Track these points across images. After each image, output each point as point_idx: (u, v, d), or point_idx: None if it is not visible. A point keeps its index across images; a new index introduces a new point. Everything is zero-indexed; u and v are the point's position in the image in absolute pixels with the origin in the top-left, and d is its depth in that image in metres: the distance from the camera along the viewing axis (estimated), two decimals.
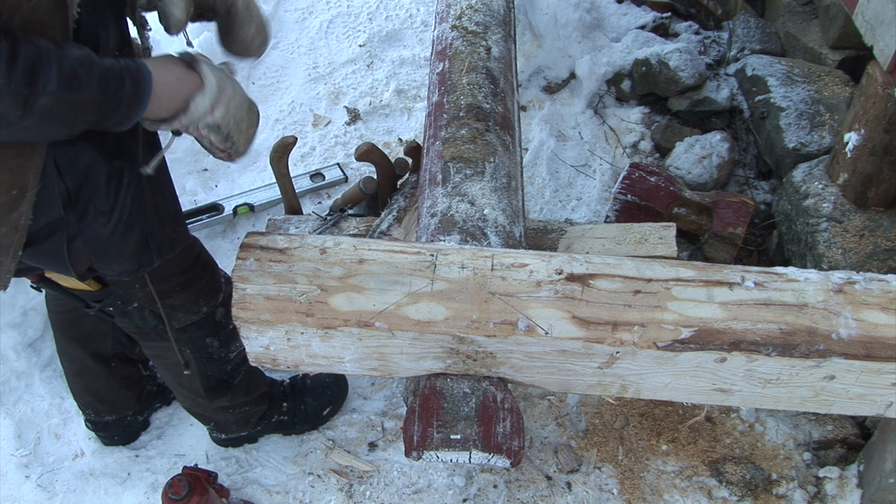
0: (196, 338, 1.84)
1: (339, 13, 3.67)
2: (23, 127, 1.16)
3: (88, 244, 1.44)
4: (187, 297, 1.75)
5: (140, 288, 1.65)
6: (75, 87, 1.17)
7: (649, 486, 2.19)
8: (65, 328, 2.05)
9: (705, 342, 1.29)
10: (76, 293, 1.67)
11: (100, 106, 1.22)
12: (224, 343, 1.90)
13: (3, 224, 1.31)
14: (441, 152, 1.83)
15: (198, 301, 1.78)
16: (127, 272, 1.58)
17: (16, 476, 2.22)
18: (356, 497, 2.17)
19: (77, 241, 1.42)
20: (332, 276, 1.32)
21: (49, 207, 1.35)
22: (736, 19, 3.41)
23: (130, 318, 1.75)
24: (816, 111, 2.76)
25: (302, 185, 2.93)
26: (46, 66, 1.12)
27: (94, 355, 2.08)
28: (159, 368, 2.07)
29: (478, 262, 1.35)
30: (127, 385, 2.21)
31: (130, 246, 1.51)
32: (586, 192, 2.99)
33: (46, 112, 1.15)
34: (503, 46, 2.22)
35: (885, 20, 2.06)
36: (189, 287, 1.74)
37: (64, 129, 1.23)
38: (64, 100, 1.16)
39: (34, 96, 1.12)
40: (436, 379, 1.37)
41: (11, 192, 1.27)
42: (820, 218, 2.39)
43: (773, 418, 2.30)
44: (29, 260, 1.43)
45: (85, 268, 1.50)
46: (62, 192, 1.35)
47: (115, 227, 1.45)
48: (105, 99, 1.22)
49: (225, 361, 1.94)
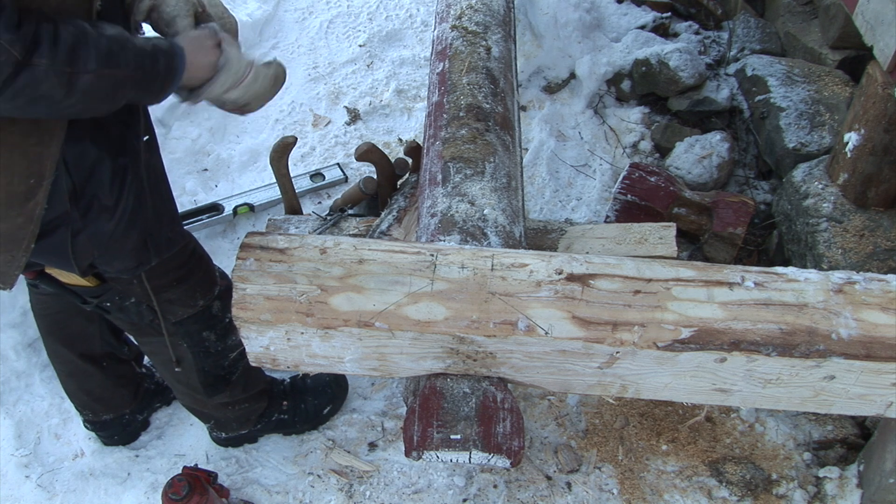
0: (193, 332, 1.84)
1: (339, 13, 3.67)
2: (67, 105, 1.21)
3: (92, 240, 1.47)
4: (183, 291, 1.77)
5: (138, 283, 1.67)
6: (113, 64, 1.22)
7: (649, 486, 2.19)
8: (52, 331, 2.05)
9: (705, 342, 1.28)
10: (74, 289, 1.68)
11: (137, 82, 1.29)
12: (221, 337, 1.91)
13: (19, 214, 1.33)
14: (441, 152, 1.83)
15: (194, 295, 1.80)
16: (126, 269, 1.60)
17: (16, 476, 2.23)
18: (356, 497, 2.17)
19: (81, 236, 1.45)
20: (332, 276, 1.32)
21: (57, 201, 1.38)
22: (736, 19, 3.41)
23: (127, 313, 1.76)
24: (816, 111, 2.76)
25: (302, 185, 2.93)
26: (85, 45, 1.18)
27: (83, 356, 2.08)
28: (156, 365, 2.08)
29: (478, 262, 1.35)
30: (121, 383, 2.21)
31: (131, 243, 1.55)
32: (586, 192, 2.99)
33: (89, 89, 1.20)
34: (503, 46, 2.22)
35: (885, 20, 2.06)
36: (185, 281, 1.76)
37: (105, 105, 1.29)
38: (104, 76, 1.22)
39: (77, 74, 1.17)
40: (436, 379, 1.37)
41: (29, 181, 1.31)
42: (820, 218, 2.39)
43: (773, 418, 2.30)
44: (34, 255, 1.44)
45: (87, 264, 1.53)
46: (69, 187, 1.38)
47: (118, 223, 1.49)
48: (142, 75, 1.29)
49: (222, 356, 1.94)
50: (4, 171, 1.28)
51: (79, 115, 1.30)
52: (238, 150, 3.10)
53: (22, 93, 1.14)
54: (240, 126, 3.19)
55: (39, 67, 1.13)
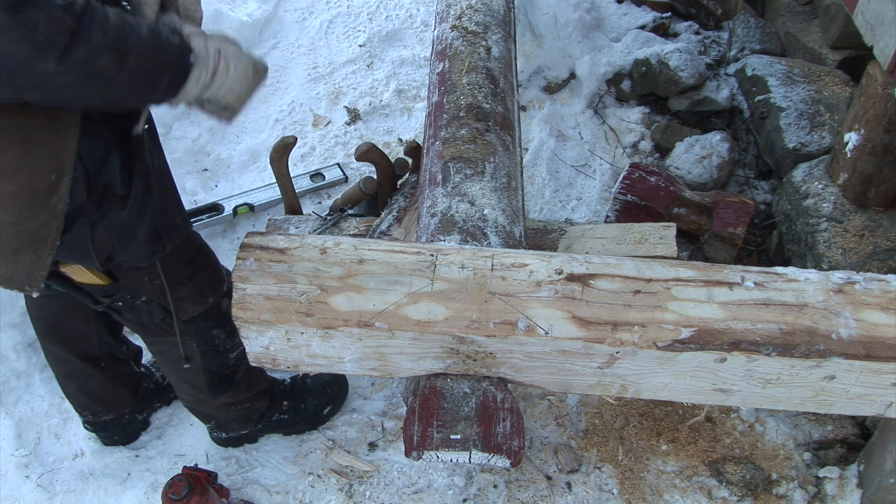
0: (203, 329, 1.85)
1: (339, 13, 3.67)
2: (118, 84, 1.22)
3: (109, 230, 1.49)
4: (194, 287, 1.78)
5: (149, 280, 1.68)
6: (154, 46, 1.25)
7: (649, 486, 2.19)
8: (48, 333, 2.05)
9: (705, 342, 1.28)
10: (86, 289, 1.68)
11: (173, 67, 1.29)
12: (230, 334, 1.91)
13: (43, 211, 1.34)
14: (441, 152, 1.83)
15: (204, 291, 1.81)
16: (143, 257, 1.61)
17: (16, 476, 2.22)
18: (356, 497, 2.17)
19: (99, 227, 1.46)
20: (332, 276, 1.32)
21: (75, 194, 1.39)
22: (736, 19, 3.41)
23: (138, 313, 1.76)
24: (816, 111, 2.76)
25: (302, 185, 2.93)
26: (128, 25, 1.21)
27: (82, 357, 2.07)
28: (163, 365, 2.08)
29: (478, 262, 1.35)
30: (120, 383, 2.21)
31: (144, 231, 1.56)
32: (586, 192, 2.99)
33: (136, 69, 1.22)
34: (503, 46, 2.22)
35: (885, 20, 2.06)
36: (195, 278, 1.77)
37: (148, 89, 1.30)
38: (149, 57, 1.24)
39: (127, 53, 1.20)
40: (436, 379, 1.37)
41: (51, 177, 1.32)
42: (820, 218, 2.39)
43: (773, 418, 2.30)
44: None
45: (106, 255, 1.53)
46: (84, 180, 1.39)
47: (131, 211, 1.50)
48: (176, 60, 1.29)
49: (228, 355, 1.94)
50: (26, 168, 1.29)
51: (123, 99, 1.30)
52: (238, 150, 3.10)
53: (81, 66, 1.16)
54: (240, 126, 3.19)
55: (94, 41, 1.15)
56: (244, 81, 1.43)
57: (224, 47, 1.38)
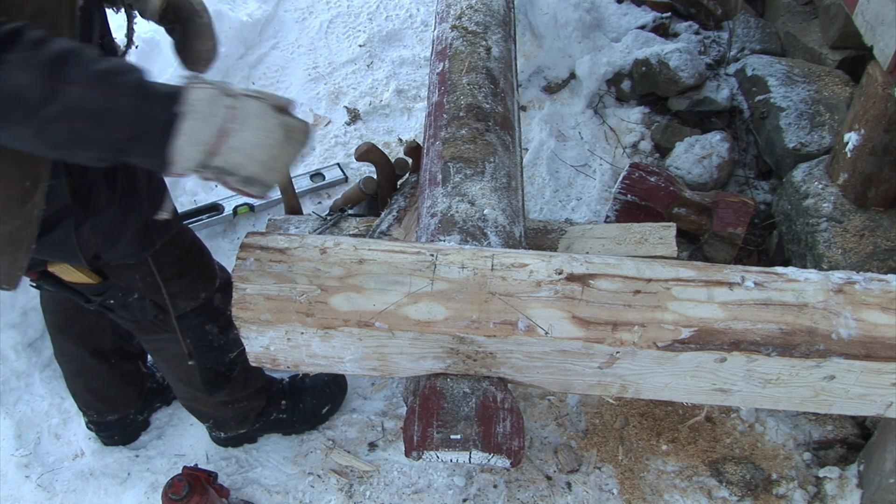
0: (196, 325, 1.85)
1: (339, 13, 3.67)
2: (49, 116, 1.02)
3: (95, 228, 1.49)
4: (186, 283, 1.78)
5: (140, 277, 1.68)
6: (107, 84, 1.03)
7: (649, 486, 2.18)
8: (62, 327, 2.06)
9: (705, 342, 1.28)
10: (77, 288, 1.68)
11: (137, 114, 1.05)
12: (223, 330, 1.91)
13: (17, 217, 1.33)
14: (441, 152, 1.83)
15: (196, 287, 1.81)
16: (131, 254, 1.62)
17: (16, 476, 2.23)
18: (356, 497, 2.17)
19: (84, 226, 1.47)
20: (332, 276, 1.32)
21: (58, 196, 1.39)
22: (736, 19, 3.41)
23: (130, 310, 1.76)
24: (816, 111, 2.76)
25: (302, 185, 2.93)
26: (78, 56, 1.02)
27: (94, 352, 2.09)
28: (159, 363, 2.08)
29: (478, 262, 1.35)
30: (127, 382, 2.22)
31: (132, 227, 1.56)
32: (586, 192, 2.99)
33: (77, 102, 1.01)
34: (503, 46, 2.22)
35: (886, 20, 2.06)
36: (187, 273, 1.77)
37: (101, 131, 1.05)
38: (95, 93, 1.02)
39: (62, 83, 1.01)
40: (436, 379, 1.37)
41: (25, 184, 1.30)
42: (820, 218, 2.39)
43: (773, 418, 2.30)
44: (38, 252, 1.45)
45: (92, 254, 1.54)
46: (69, 185, 1.40)
47: (117, 210, 1.50)
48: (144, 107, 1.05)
49: (223, 352, 1.95)
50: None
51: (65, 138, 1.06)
52: None
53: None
54: None
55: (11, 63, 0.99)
56: (270, 147, 1.11)
57: (243, 104, 1.10)
